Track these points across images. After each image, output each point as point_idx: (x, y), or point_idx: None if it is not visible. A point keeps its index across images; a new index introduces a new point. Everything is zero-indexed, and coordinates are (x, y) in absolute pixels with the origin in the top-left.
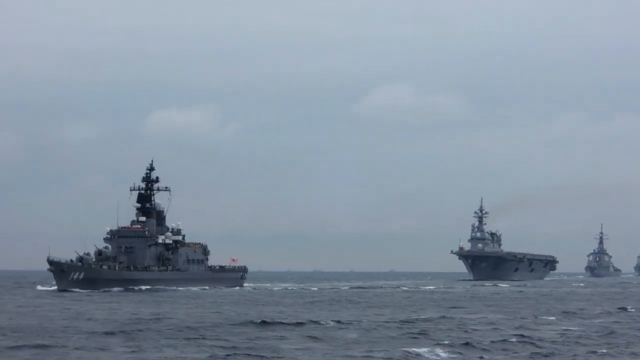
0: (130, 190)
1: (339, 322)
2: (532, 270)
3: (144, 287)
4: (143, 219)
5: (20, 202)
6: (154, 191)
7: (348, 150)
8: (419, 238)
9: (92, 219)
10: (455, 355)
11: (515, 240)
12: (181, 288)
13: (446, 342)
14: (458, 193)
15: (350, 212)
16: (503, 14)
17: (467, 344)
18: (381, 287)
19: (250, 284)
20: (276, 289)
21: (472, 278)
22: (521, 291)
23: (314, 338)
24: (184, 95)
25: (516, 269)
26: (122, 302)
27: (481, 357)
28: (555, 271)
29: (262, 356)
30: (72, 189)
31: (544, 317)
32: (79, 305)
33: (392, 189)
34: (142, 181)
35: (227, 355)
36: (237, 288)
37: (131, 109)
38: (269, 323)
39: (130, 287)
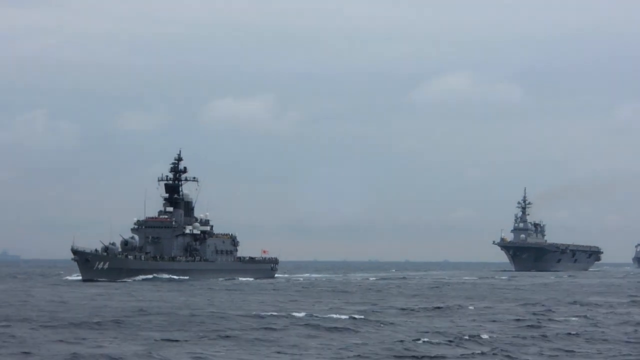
0: (158, 180)
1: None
2: (575, 261)
3: (166, 276)
4: (170, 209)
5: (75, 191)
6: (182, 182)
7: (405, 139)
8: (476, 228)
9: (120, 209)
10: None
11: (566, 230)
12: (211, 279)
13: None
14: (517, 182)
15: (407, 201)
16: (565, 3)
17: None
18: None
19: (284, 275)
20: (314, 276)
21: (513, 269)
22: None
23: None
24: (242, 85)
25: (559, 260)
26: (139, 290)
27: None
28: (600, 262)
29: None
30: (132, 178)
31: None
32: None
33: (451, 178)
34: (170, 171)
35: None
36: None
37: (189, 99)
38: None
39: (154, 276)
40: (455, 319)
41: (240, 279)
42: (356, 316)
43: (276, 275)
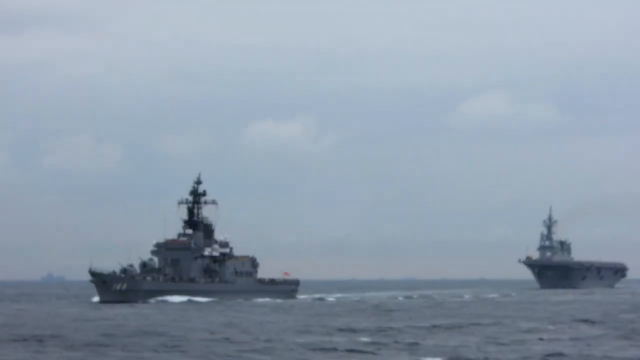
0: (178, 203)
1: None
2: (601, 278)
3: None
4: (190, 231)
5: (118, 213)
6: (201, 204)
7: (441, 159)
8: (512, 246)
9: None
10: None
11: (593, 248)
12: (229, 301)
13: None
14: (551, 201)
15: (444, 220)
16: (596, 22)
17: None
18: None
19: (306, 296)
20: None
21: (538, 287)
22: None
23: None
24: (281, 107)
25: (584, 277)
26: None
27: None
28: (625, 278)
29: None
30: (170, 201)
31: None
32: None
33: (487, 197)
34: (190, 194)
35: None
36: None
37: (229, 122)
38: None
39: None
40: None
41: (259, 300)
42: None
43: (298, 296)
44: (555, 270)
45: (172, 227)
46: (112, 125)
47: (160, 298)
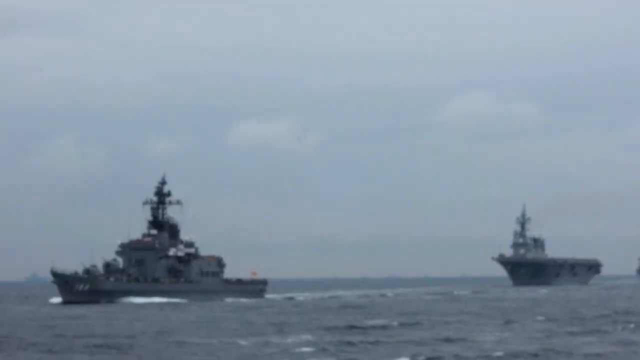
0: (143, 204)
1: None
2: (575, 274)
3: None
4: (154, 232)
5: (103, 214)
6: (167, 205)
7: (424, 157)
8: (494, 244)
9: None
10: None
11: (569, 244)
12: (191, 301)
13: None
14: (533, 198)
15: (426, 219)
16: (580, 21)
17: None
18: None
19: (275, 295)
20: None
21: (512, 284)
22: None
23: None
24: (265, 107)
25: (558, 274)
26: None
27: None
28: (600, 275)
29: None
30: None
31: None
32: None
33: (469, 196)
34: (154, 195)
35: None
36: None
37: (213, 122)
38: None
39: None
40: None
41: (226, 300)
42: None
43: (266, 295)
44: (528, 267)
45: (139, 227)
46: (97, 126)
47: (124, 299)
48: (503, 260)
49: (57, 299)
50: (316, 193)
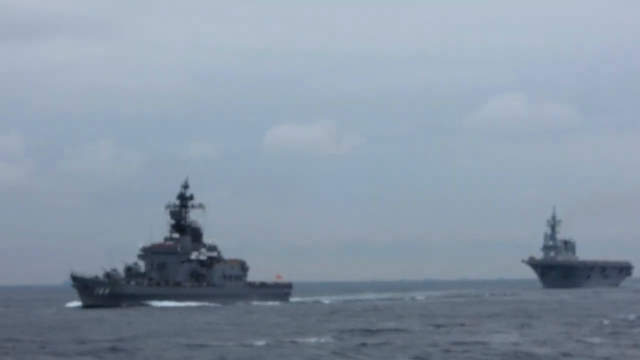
0: (166, 207)
1: None
2: (605, 277)
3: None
4: (176, 235)
5: (140, 217)
6: (189, 208)
7: (461, 160)
8: (532, 246)
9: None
10: None
11: (599, 247)
12: (213, 305)
13: None
14: (566, 200)
15: (461, 220)
16: (616, 21)
17: None
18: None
19: (300, 298)
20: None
21: (542, 286)
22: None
23: None
24: (300, 110)
25: (588, 277)
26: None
27: None
28: (631, 277)
29: None
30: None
31: None
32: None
33: (507, 198)
34: (177, 199)
35: None
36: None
37: (249, 127)
38: None
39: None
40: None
41: (251, 303)
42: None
43: (292, 299)
44: (558, 269)
45: (163, 231)
46: (133, 130)
47: (145, 303)
48: (533, 263)
49: (74, 303)
50: (351, 195)
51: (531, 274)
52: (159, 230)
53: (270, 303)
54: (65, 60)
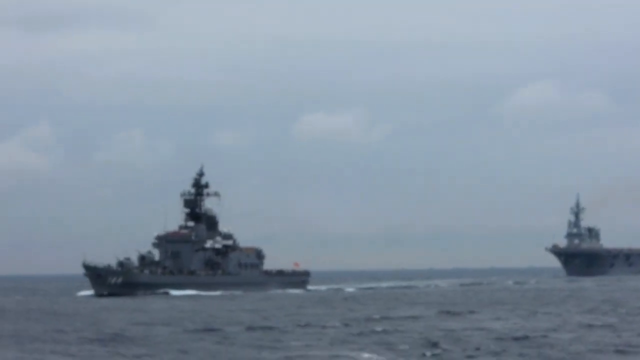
0: (181, 196)
1: None
2: (630, 265)
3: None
4: (191, 224)
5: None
6: (204, 196)
7: (492, 148)
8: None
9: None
10: None
11: (624, 234)
12: (228, 292)
13: None
14: (593, 188)
15: (493, 209)
16: None
17: None
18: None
19: (317, 287)
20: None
21: (565, 274)
22: None
23: None
24: (331, 99)
25: (612, 265)
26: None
27: None
28: None
29: None
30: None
31: None
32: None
33: (538, 187)
34: (192, 186)
35: None
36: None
37: (280, 115)
38: None
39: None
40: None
41: (267, 292)
42: None
43: (310, 287)
44: (581, 257)
45: (177, 220)
46: (163, 120)
47: (158, 291)
48: (556, 251)
49: (86, 292)
50: (382, 185)
51: (559, 262)
52: (174, 218)
53: (287, 291)
54: (96, 50)
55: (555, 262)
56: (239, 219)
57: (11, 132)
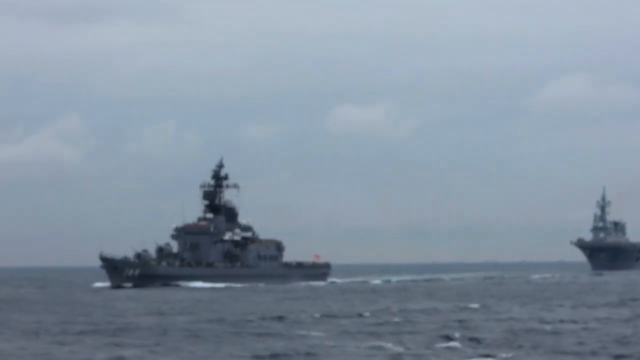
0: (200, 187)
1: None
2: None
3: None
4: (210, 215)
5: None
6: (224, 188)
7: (521, 142)
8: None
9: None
10: None
11: None
12: (247, 285)
13: None
14: (623, 181)
15: (522, 203)
16: None
17: None
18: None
19: (338, 279)
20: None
21: (590, 268)
22: None
23: None
24: (362, 92)
25: (638, 259)
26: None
27: None
28: None
29: None
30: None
31: None
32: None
33: (567, 181)
34: (212, 178)
35: None
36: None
37: (310, 109)
38: None
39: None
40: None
41: (286, 284)
42: None
43: (329, 279)
44: (607, 251)
45: (197, 211)
46: (194, 113)
47: (176, 283)
48: (581, 245)
49: (101, 284)
50: (412, 178)
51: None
52: (195, 210)
53: (307, 283)
54: (126, 43)
55: (584, 257)
56: (265, 212)
57: (43, 124)
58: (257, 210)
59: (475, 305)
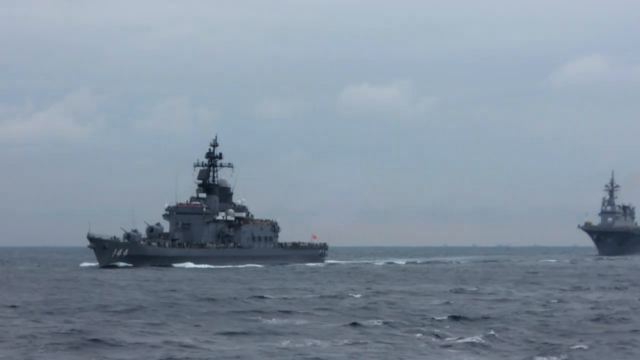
0: (194, 166)
1: None
2: None
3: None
4: (203, 195)
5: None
6: (217, 167)
7: (540, 123)
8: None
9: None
10: None
11: None
12: (240, 266)
13: None
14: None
15: (539, 186)
16: None
17: None
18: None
19: (336, 260)
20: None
21: (598, 253)
22: None
23: None
24: (377, 71)
25: None
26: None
27: None
28: None
29: None
30: (272, 164)
31: None
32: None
33: (586, 163)
34: (205, 157)
35: None
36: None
37: (324, 86)
38: None
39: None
40: None
41: (279, 265)
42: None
43: (327, 261)
44: (614, 236)
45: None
46: (208, 88)
47: (166, 264)
48: (589, 229)
49: (87, 264)
50: (428, 159)
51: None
52: (189, 189)
53: (302, 264)
54: (139, 18)
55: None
56: (281, 190)
57: (55, 100)
58: (266, 190)
59: (468, 288)
